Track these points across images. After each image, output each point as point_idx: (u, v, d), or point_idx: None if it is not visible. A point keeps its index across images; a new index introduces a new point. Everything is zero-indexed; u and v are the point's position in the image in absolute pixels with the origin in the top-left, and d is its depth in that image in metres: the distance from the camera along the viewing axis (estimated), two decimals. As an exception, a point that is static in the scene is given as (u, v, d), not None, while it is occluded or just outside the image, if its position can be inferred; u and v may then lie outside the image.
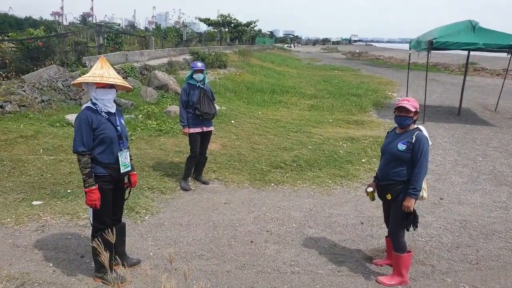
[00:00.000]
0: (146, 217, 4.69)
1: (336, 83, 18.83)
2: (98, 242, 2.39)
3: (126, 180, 3.50)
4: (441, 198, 5.62)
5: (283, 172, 6.54)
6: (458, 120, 11.39)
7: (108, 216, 3.32)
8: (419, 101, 11.02)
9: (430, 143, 3.46)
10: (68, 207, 4.73)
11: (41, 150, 6.20)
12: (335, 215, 5.05)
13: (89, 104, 3.24)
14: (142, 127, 8.06)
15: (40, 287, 3.21)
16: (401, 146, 3.42)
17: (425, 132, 3.44)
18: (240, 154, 7.25)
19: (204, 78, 5.63)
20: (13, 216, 4.40)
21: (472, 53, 12.63)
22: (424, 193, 3.49)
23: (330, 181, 6.20)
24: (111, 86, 3.22)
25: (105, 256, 2.16)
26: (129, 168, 3.42)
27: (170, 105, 9.87)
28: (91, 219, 3.29)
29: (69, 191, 5.14)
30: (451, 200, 5.60)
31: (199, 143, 5.74)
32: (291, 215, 5.00)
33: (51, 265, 3.57)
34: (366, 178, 6.37)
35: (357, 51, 55.23)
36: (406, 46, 13.30)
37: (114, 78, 3.19)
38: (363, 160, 7.24)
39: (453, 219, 4.98)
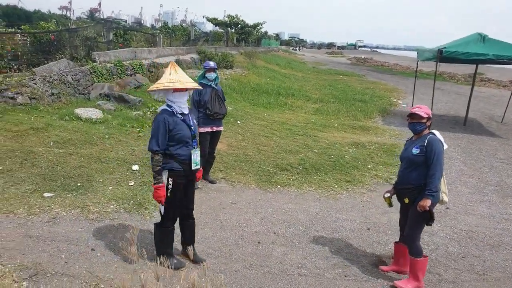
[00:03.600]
0: (155, 214, 4.72)
1: (342, 88, 18.87)
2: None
3: None
4: (447, 208, 5.65)
5: (289, 174, 6.58)
6: (464, 130, 11.41)
7: (178, 207, 3.61)
8: (427, 109, 10.74)
9: (445, 146, 3.54)
10: (78, 200, 4.77)
11: (51, 143, 6.25)
12: (342, 219, 5.08)
13: (165, 106, 3.47)
14: (150, 124, 8.09)
15: (53, 278, 3.25)
16: (415, 151, 3.54)
17: (438, 136, 3.54)
18: (247, 155, 7.29)
19: (217, 77, 5.68)
20: (26, 206, 4.45)
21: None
22: (444, 196, 3.56)
23: (336, 186, 6.23)
24: (185, 88, 3.44)
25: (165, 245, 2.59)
26: (199, 166, 3.62)
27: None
28: (162, 210, 3.52)
29: (79, 184, 5.18)
30: (457, 210, 5.63)
31: (209, 142, 5.79)
32: (298, 218, 5.04)
33: (63, 256, 3.61)
34: (372, 184, 6.41)
35: (363, 56, 55.25)
36: (411, 54, 13.31)
37: (190, 81, 3.46)
38: (369, 166, 7.27)
39: (459, 229, 5.01)
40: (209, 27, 45.60)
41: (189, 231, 3.83)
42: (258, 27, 40.28)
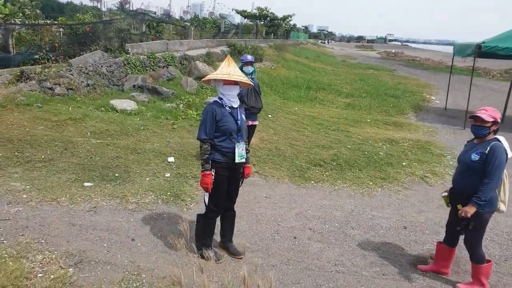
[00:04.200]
0: (191, 206, 4.78)
1: (372, 82, 18.47)
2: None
3: (241, 171, 3.75)
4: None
5: (322, 170, 6.50)
6: (502, 128, 10.74)
7: (222, 199, 3.65)
8: (460, 106, 10.59)
9: (510, 154, 3.34)
10: (117, 190, 4.88)
11: (89, 133, 6.41)
12: (377, 217, 4.99)
13: (216, 98, 3.60)
14: (183, 117, 8.18)
15: (97, 266, 3.34)
16: (475, 157, 3.35)
17: (504, 144, 3.32)
18: (279, 149, 7.26)
19: (254, 71, 5.65)
20: (67, 195, 4.59)
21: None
22: (502, 205, 3.39)
23: (371, 183, 6.11)
24: (235, 83, 3.52)
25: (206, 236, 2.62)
26: (244, 160, 3.65)
27: (210, 96, 9.96)
28: (206, 200, 3.61)
29: (117, 175, 5.30)
30: (499, 211, 5.40)
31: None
32: (333, 214, 4.98)
33: (105, 245, 3.70)
34: (407, 182, 6.25)
35: (393, 51, 53.81)
36: (443, 48, 12.76)
37: (239, 75, 3.51)
38: (404, 164, 7.09)
39: (500, 230, 4.82)
40: (238, 19, 45.45)
41: (229, 223, 3.88)
42: (287, 20, 39.87)
